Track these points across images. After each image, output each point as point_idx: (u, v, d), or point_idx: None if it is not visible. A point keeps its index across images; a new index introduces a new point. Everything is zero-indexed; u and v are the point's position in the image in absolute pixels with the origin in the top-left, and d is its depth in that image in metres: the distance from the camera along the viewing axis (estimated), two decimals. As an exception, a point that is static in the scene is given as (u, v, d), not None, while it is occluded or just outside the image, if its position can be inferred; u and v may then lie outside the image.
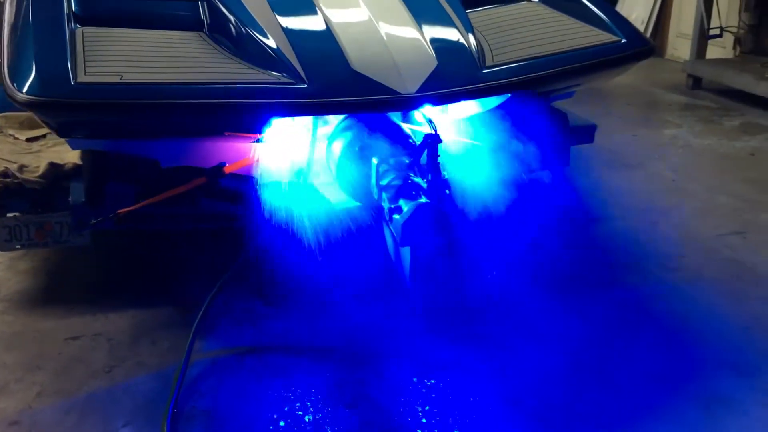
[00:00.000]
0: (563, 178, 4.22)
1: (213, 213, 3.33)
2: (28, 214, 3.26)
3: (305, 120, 3.07)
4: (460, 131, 3.18)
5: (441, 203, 2.66)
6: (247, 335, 3.16)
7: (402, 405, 2.75)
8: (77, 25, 2.86)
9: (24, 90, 2.46)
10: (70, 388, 2.83)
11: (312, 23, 2.91)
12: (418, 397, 2.79)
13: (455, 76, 2.78)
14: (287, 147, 3.08)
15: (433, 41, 2.86)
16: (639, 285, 3.59)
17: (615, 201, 4.59)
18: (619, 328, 3.23)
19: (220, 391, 2.80)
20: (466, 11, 3.18)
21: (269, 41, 2.77)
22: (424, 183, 2.70)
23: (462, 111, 3.20)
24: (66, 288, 3.59)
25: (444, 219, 2.64)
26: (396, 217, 2.62)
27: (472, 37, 2.96)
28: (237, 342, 3.12)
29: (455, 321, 3.12)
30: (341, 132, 3.01)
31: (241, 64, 2.75)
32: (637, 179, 5.03)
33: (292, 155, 3.11)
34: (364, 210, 2.97)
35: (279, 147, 3.06)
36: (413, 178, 2.71)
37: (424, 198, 2.64)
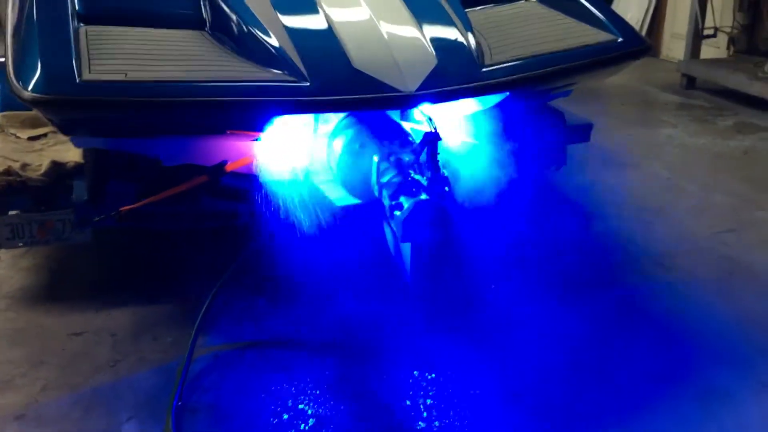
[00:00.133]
0: (559, 176, 4.27)
1: (214, 211, 3.36)
2: (30, 212, 3.29)
3: (306, 118, 3.10)
4: (459, 129, 3.22)
5: (441, 200, 2.70)
6: (249, 331, 3.19)
7: (403, 399, 2.79)
8: (81, 24, 2.89)
9: (29, 88, 2.48)
10: (74, 382, 2.86)
11: (314, 22, 2.94)
12: (418, 392, 2.83)
13: (455, 74, 2.81)
14: (288, 145, 3.12)
15: (433, 40, 2.90)
16: (635, 283, 3.64)
17: (611, 199, 4.63)
18: (616, 325, 3.27)
19: (223, 386, 2.84)
20: (465, 10, 3.22)
21: (272, 40, 2.80)
22: (424, 180, 2.73)
23: (461, 109, 3.24)
24: (68, 285, 3.62)
25: (444, 215, 2.67)
26: (397, 214, 2.65)
27: (471, 36, 3.00)
28: (238, 338, 3.15)
29: (455, 317, 3.16)
30: (342, 130, 3.05)
31: (244, 62, 2.78)
32: (633, 178, 5.07)
33: (292, 153, 3.15)
34: (364, 207, 3.01)
35: (280, 145, 3.09)
36: (413, 175, 2.74)
37: (424, 195, 2.67)
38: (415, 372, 2.93)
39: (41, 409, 2.71)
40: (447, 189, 2.83)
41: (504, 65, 2.91)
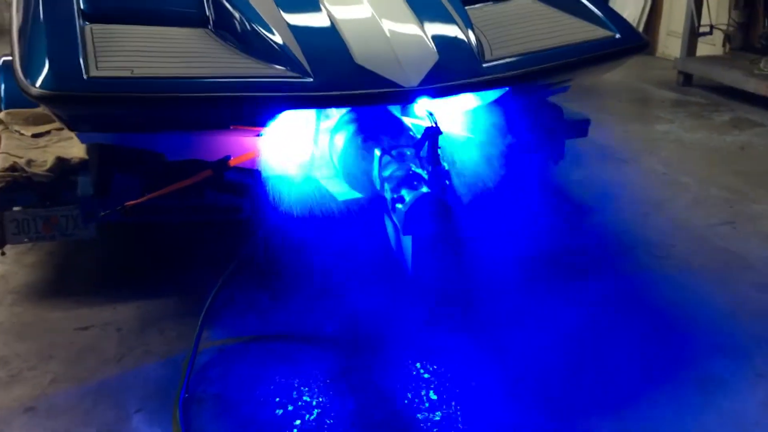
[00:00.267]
0: (558, 170, 4.32)
1: (218, 205, 3.40)
2: (34, 207, 3.32)
3: (308, 114, 3.15)
4: (459, 124, 3.26)
5: (442, 193, 2.74)
6: (253, 324, 3.23)
7: (405, 389, 2.84)
8: (86, 22, 2.93)
9: (38, 84, 2.53)
10: (82, 375, 2.90)
11: (316, 20, 2.98)
12: (420, 382, 2.87)
13: (456, 69, 2.86)
14: (291, 140, 3.16)
15: (434, 36, 2.94)
16: (633, 273, 3.69)
17: (608, 193, 4.67)
18: (614, 315, 3.32)
19: (228, 377, 2.88)
20: (465, 8, 3.26)
21: (275, 37, 2.84)
22: (425, 174, 2.77)
23: (461, 104, 3.28)
24: (72, 280, 3.65)
25: (445, 209, 2.71)
26: (399, 207, 2.69)
27: (471, 33, 3.04)
28: (243, 331, 3.19)
29: (456, 308, 3.21)
30: (344, 125, 3.09)
31: (248, 58, 2.82)
32: (630, 173, 5.12)
33: (295, 148, 3.19)
34: (366, 201, 3.05)
35: (283, 141, 3.13)
36: (415, 169, 2.79)
37: (425, 188, 2.71)
38: (417, 364, 2.97)
39: (50, 402, 2.75)
40: (448, 183, 2.87)
41: (504, 61, 2.95)
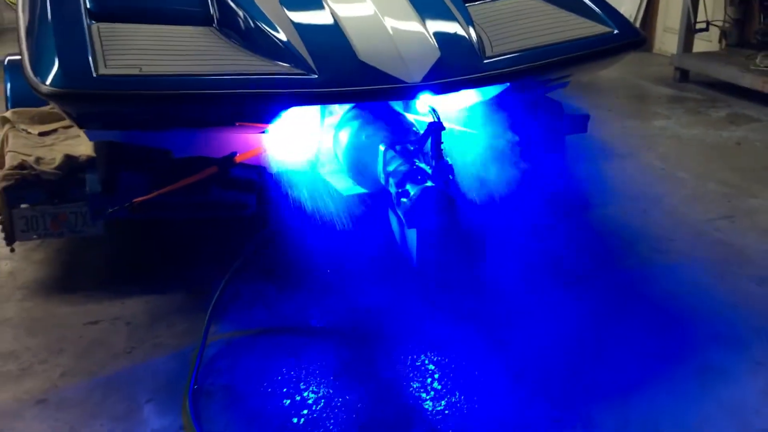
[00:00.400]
0: (558, 165, 4.36)
1: (224, 202, 3.45)
2: (43, 205, 3.37)
3: (313, 111, 3.20)
4: (460, 120, 3.31)
5: (446, 187, 2.79)
6: (259, 318, 3.28)
7: (410, 380, 2.89)
8: (92, 21, 2.98)
9: (48, 82, 2.57)
10: (92, 368, 2.95)
11: (320, 17, 3.03)
12: (425, 373, 2.92)
13: (457, 66, 2.91)
14: (296, 137, 3.21)
15: (436, 33, 2.99)
16: (632, 267, 3.74)
17: (607, 189, 4.73)
18: (615, 307, 3.37)
19: (236, 369, 2.93)
20: (465, 5, 3.32)
21: (280, 35, 2.89)
22: (428, 168, 2.82)
23: (462, 101, 3.33)
24: (80, 277, 3.70)
25: (449, 202, 2.76)
26: (404, 201, 2.74)
27: (472, 30, 3.09)
28: (250, 324, 3.24)
29: (459, 301, 3.25)
30: (348, 122, 3.14)
31: (254, 56, 2.87)
32: (628, 168, 5.17)
33: (300, 145, 3.24)
34: (370, 196, 3.10)
35: (288, 137, 3.18)
36: (418, 164, 2.84)
37: (429, 182, 2.76)
38: (422, 355, 3.03)
39: (62, 394, 2.80)
40: (451, 177, 2.93)
41: (505, 57, 3.00)
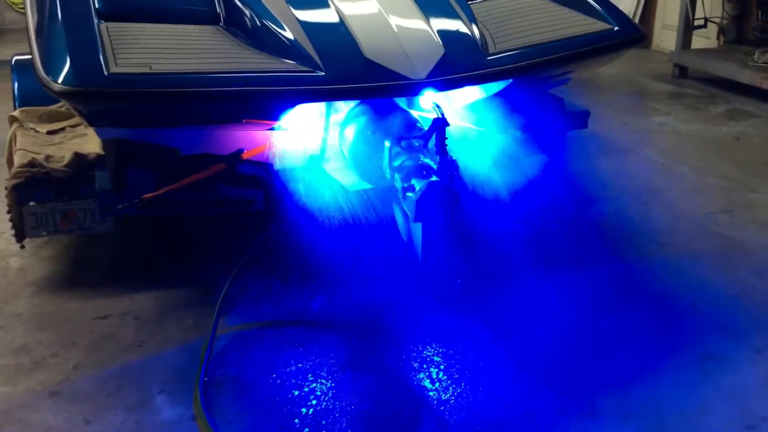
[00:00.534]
0: (559, 161, 4.41)
1: (231, 198, 3.51)
2: (53, 202, 3.42)
3: (319, 108, 3.25)
4: (464, 116, 3.37)
5: (451, 182, 2.85)
6: (267, 311, 3.33)
7: (417, 371, 2.94)
8: (101, 21, 3.03)
9: (59, 81, 2.63)
10: (104, 361, 3.00)
11: (326, 16, 3.09)
12: (431, 365, 2.98)
13: (461, 63, 2.97)
14: (302, 134, 3.27)
15: (440, 31, 3.06)
16: (633, 260, 3.79)
17: (607, 183, 4.77)
18: (616, 297, 3.42)
19: (245, 361, 2.98)
20: (468, 3, 3.37)
21: (286, 33, 2.95)
22: (434, 164, 2.88)
23: (465, 97, 3.39)
24: (89, 273, 3.74)
25: (454, 197, 2.82)
26: (409, 195, 2.80)
27: (475, 27, 3.15)
28: (257, 318, 3.28)
29: (464, 294, 3.30)
30: (353, 118, 3.20)
31: (261, 54, 2.93)
32: (628, 163, 5.23)
33: (306, 142, 3.30)
34: (376, 191, 3.16)
35: (294, 134, 3.24)
36: (424, 159, 2.90)
37: (434, 177, 2.82)
38: (428, 347, 3.08)
39: (74, 386, 2.85)
40: (455, 172, 2.98)
41: (507, 53, 3.07)
